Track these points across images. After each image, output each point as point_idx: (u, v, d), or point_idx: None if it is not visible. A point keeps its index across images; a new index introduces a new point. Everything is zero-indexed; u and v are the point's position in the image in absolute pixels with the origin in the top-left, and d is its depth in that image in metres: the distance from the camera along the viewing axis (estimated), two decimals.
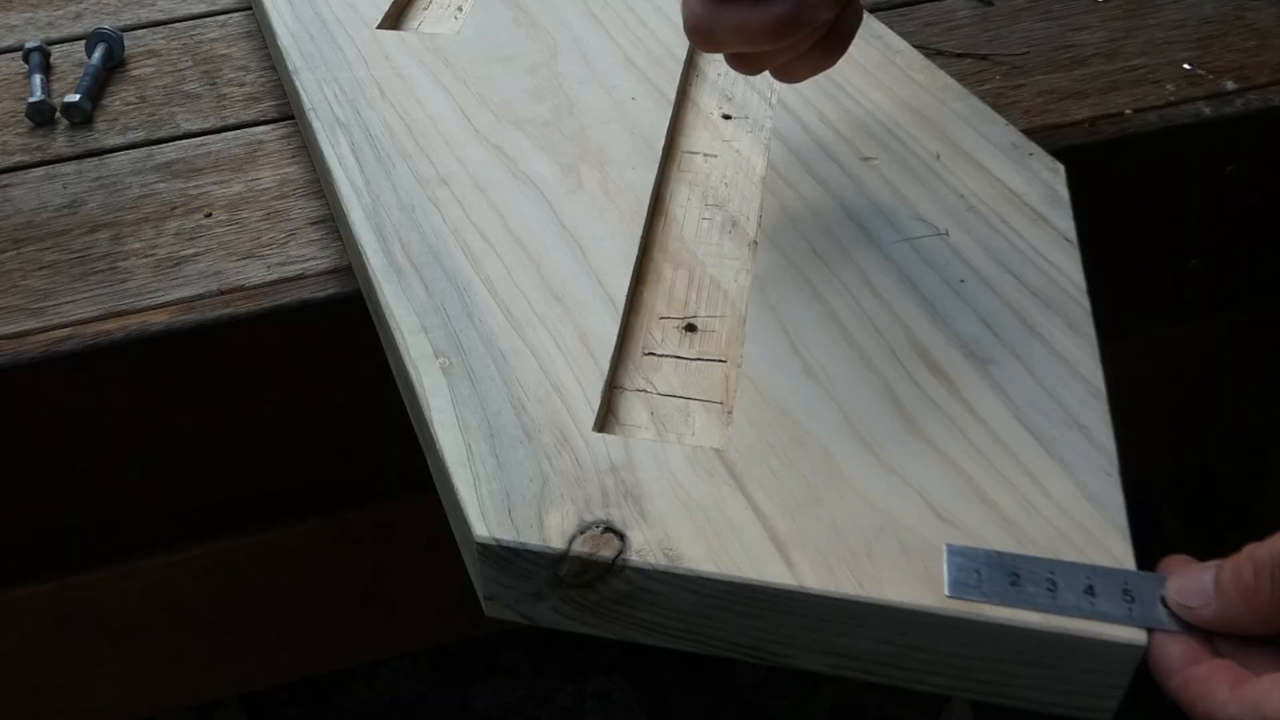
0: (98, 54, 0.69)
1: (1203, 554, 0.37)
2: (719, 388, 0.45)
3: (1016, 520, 0.39)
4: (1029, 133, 0.57)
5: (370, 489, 0.63)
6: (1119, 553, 0.38)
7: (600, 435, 0.42)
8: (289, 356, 0.56)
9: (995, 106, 0.59)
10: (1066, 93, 0.64)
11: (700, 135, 0.58)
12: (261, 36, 0.72)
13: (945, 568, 0.37)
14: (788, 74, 0.47)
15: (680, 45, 0.62)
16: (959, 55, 0.67)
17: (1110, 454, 0.41)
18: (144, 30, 0.74)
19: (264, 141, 0.64)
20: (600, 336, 0.46)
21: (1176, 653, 0.35)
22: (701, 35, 0.43)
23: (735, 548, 0.38)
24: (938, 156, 0.54)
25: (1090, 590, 0.36)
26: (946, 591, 0.36)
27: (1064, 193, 0.52)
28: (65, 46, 0.72)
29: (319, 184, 0.60)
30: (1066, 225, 0.50)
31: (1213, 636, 0.35)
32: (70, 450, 0.57)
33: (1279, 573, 0.33)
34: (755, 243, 0.51)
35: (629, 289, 0.48)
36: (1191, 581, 0.35)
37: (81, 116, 0.66)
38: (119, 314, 0.54)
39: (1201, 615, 0.35)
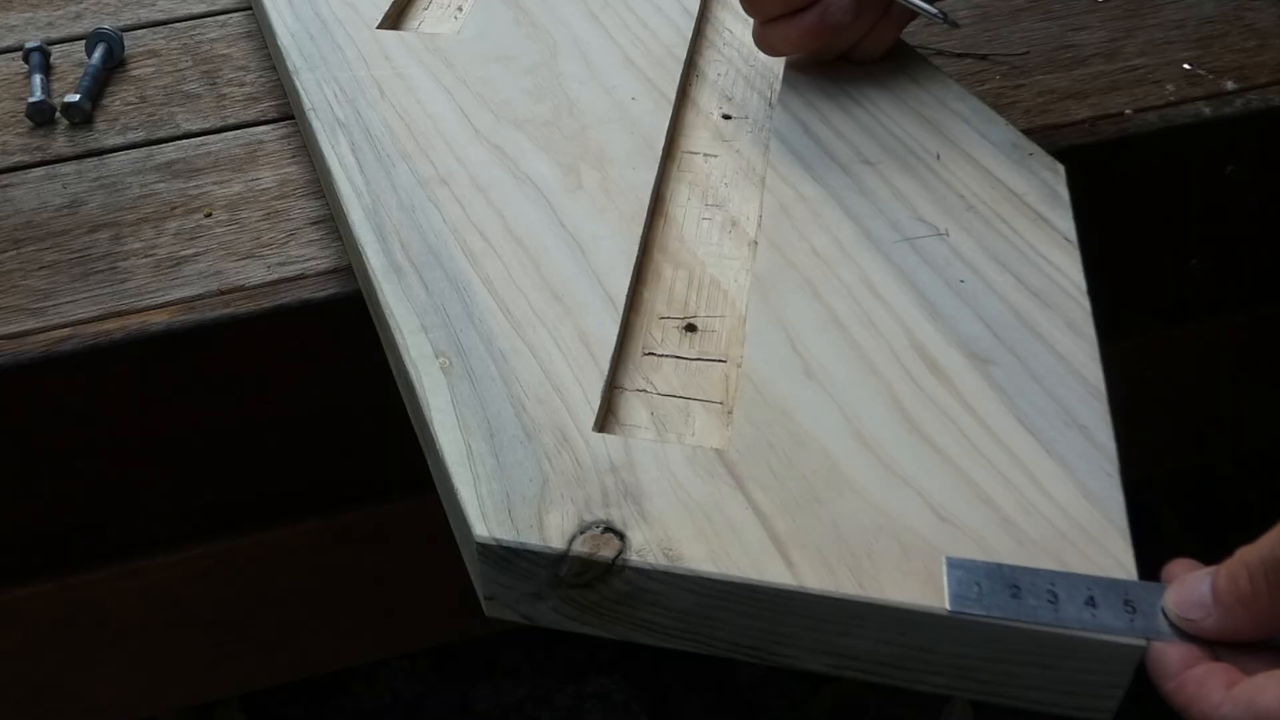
0: (98, 54, 0.69)
1: (1202, 554, 0.37)
2: (719, 388, 0.45)
3: (1016, 520, 0.39)
4: (1029, 133, 0.57)
5: (370, 489, 0.63)
6: (1119, 553, 0.38)
7: (600, 435, 0.42)
8: (289, 356, 0.56)
9: (995, 106, 0.59)
10: (1066, 93, 0.64)
11: (700, 135, 0.58)
12: (261, 36, 0.72)
13: (945, 581, 0.37)
14: (870, 48, 0.59)
15: (680, 45, 0.62)
16: (959, 55, 0.67)
17: (1110, 454, 0.41)
18: (144, 30, 0.74)
19: (264, 141, 0.64)
20: (600, 336, 0.46)
21: (1174, 657, 0.35)
22: (765, 46, 0.58)
23: (735, 548, 0.38)
24: (938, 156, 0.54)
25: (1091, 601, 0.36)
26: (947, 606, 0.36)
27: (1064, 193, 0.52)
28: (65, 46, 0.72)
29: (319, 184, 0.60)
30: (1066, 225, 0.50)
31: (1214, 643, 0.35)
32: (70, 450, 0.57)
33: (1273, 575, 0.33)
34: (755, 243, 0.51)
35: (629, 289, 0.48)
36: (1190, 593, 0.35)
37: (81, 116, 0.66)
38: (119, 314, 0.54)
39: (1203, 627, 0.35)
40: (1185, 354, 0.72)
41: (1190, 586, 0.35)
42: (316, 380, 0.58)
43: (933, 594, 0.36)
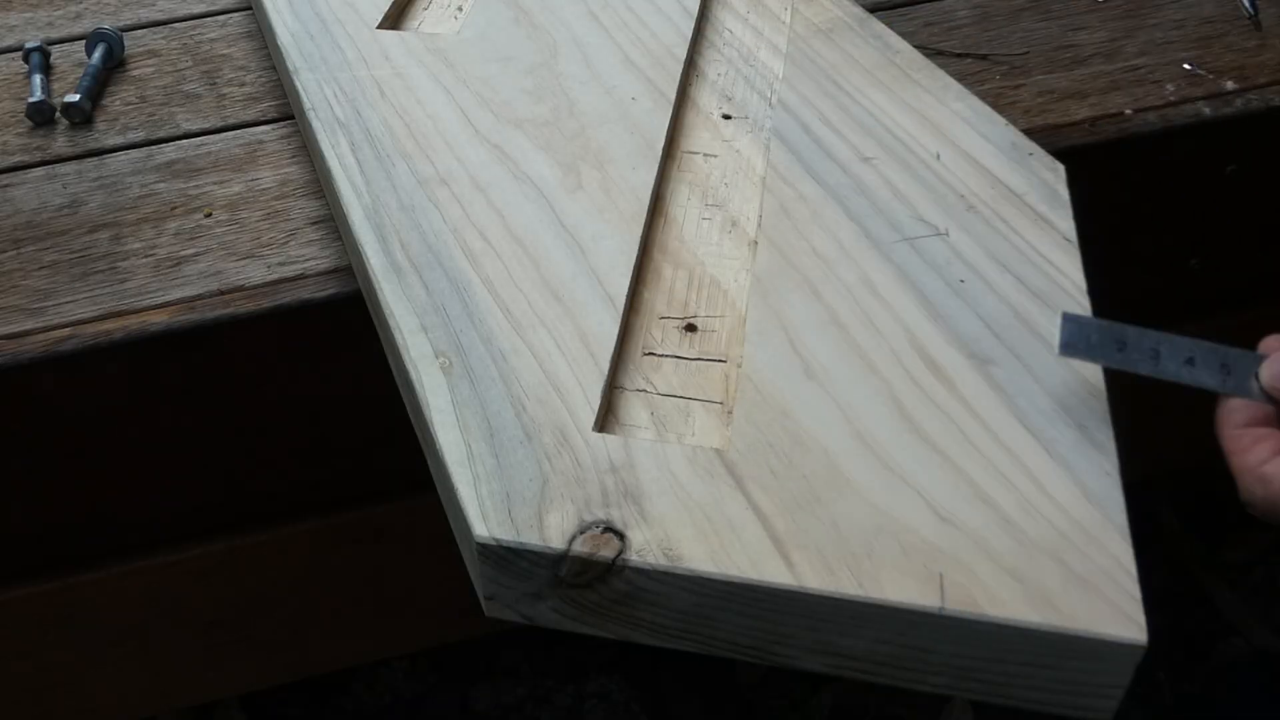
0: (98, 54, 0.69)
1: (1202, 554, 0.37)
2: (719, 388, 0.45)
3: (1016, 520, 0.39)
4: (1029, 133, 0.57)
5: (370, 489, 0.63)
6: (1119, 552, 0.38)
7: (600, 435, 0.42)
8: (289, 356, 0.56)
9: (995, 106, 0.59)
10: (1066, 93, 0.64)
11: (700, 135, 0.58)
12: (261, 36, 0.72)
13: (1058, 331, 0.40)
14: None
15: (680, 45, 0.62)
16: (959, 55, 0.67)
17: (1110, 454, 0.41)
18: (144, 30, 0.74)
19: (264, 141, 0.64)
20: (600, 336, 0.46)
21: (1242, 411, 0.38)
22: None
23: (735, 548, 0.38)
24: (938, 156, 0.54)
25: (1191, 361, 0.40)
26: (1057, 351, 0.41)
27: (1064, 193, 0.52)
28: (65, 46, 0.72)
29: (319, 184, 0.60)
30: (1066, 225, 0.50)
31: None
32: (69, 450, 0.57)
33: None
34: (755, 243, 0.51)
35: (629, 289, 0.48)
36: None
37: (81, 116, 0.66)
38: (119, 314, 0.54)
39: None
40: None
41: None
42: (316, 380, 0.58)
43: (932, 594, 0.36)
